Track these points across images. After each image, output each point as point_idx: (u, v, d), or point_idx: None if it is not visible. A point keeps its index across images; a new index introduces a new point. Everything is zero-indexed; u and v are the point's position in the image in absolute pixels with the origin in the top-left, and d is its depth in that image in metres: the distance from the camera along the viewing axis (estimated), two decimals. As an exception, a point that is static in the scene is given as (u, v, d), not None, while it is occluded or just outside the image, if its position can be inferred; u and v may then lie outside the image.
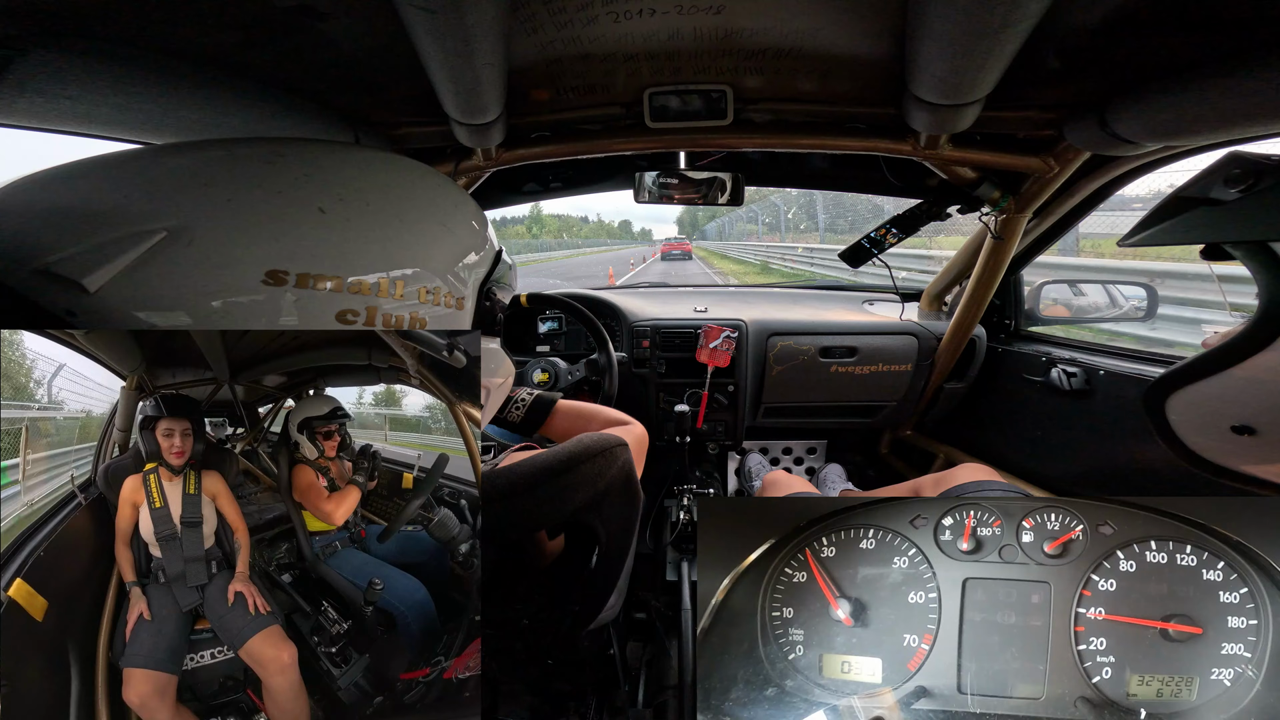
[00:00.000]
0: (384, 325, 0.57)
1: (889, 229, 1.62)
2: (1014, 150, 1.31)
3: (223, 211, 0.51)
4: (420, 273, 0.60)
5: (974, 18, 0.72)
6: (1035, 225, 1.66)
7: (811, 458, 2.51)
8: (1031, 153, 1.31)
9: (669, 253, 33.05)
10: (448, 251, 0.65)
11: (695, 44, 1.02)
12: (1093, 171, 1.39)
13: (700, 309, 2.09)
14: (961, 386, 2.06)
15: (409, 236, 0.60)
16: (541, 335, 2.13)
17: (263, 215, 0.52)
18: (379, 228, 0.58)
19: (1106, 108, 1.04)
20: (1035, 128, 1.22)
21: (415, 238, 0.61)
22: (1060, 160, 1.30)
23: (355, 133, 1.21)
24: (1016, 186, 1.45)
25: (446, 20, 0.72)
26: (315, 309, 0.53)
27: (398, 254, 0.58)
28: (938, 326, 1.99)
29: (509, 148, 1.38)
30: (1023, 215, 1.52)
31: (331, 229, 0.55)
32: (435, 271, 0.62)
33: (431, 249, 0.63)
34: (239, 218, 0.51)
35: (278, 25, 0.84)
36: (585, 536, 0.85)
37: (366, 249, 0.56)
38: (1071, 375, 1.63)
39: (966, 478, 1.30)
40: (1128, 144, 1.08)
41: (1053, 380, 1.68)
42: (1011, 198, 1.47)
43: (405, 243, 0.60)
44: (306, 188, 0.56)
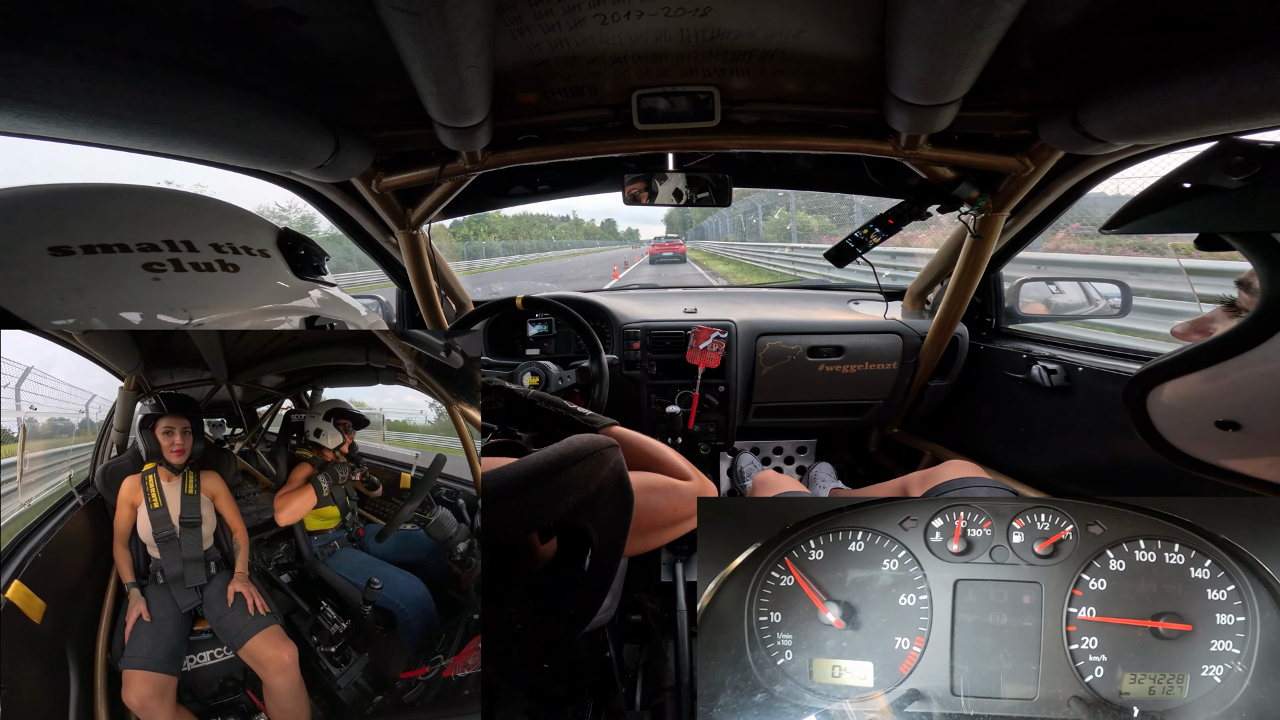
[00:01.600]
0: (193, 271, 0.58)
1: (872, 228, 1.65)
2: (991, 150, 1.35)
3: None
4: (203, 237, 0.61)
5: (950, 19, 0.73)
6: (1013, 224, 1.70)
7: (802, 457, 2.54)
8: (1008, 152, 1.34)
9: (659, 254, 29.27)
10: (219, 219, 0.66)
11: (682, 45, 1.03)
12: (1066, 170, 1.42)
13: (690, 310, 2.11)
14: (945, 384, 2.09)
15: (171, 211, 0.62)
16: (532, 338, 2.13)
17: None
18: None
19: (1079, 108, 1.08)
20: (1011, 127, 1.26)
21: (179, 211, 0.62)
22: (1035, 159, 1.34)
23: (336, 137, 1.19)
24: (994, 185, 1.49)
25: (429, 23, 0.71)
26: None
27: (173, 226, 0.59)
28: (921, 325, 2.01)
29: (495, 151, 1.38)
30: (1000, 214, 1.55)
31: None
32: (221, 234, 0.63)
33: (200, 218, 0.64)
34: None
35: (255, 28, 0.83)
36: (578, 539, 0.84)
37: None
38: (1052, 372, 1.66)
39: (953, 474, 1.33)
40: (1099, 143, 1.12)
41: (1034, 377, 1.71)
42: (989, 196, 1.50)
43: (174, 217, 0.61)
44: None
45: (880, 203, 1.76)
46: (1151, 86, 0.93)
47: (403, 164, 1.43)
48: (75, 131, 0.81)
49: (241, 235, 0.63)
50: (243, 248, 0.62)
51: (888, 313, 2.11)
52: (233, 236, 0.62)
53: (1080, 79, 1.05)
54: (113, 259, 0.54)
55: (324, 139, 1.16)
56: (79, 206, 0.56)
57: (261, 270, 0.63)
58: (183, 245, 0.58)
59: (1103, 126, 1.06)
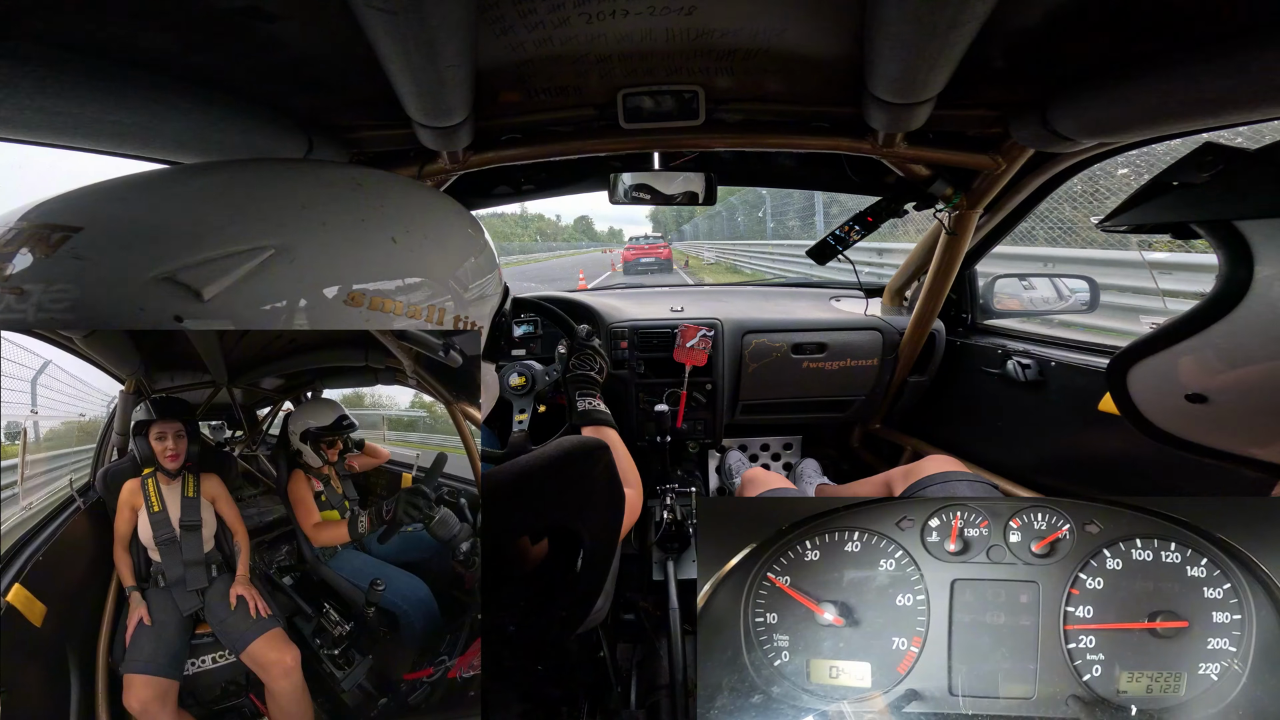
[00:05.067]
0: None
1: (852, 226, 1.69)
2: (965, 148, 1.39)
3: (319, 234, 0.57)
4: (455, 303, 0.67)
5: (924, 18, 0.76)
6: (986, 221, 1.75)
7: (788, 453, 2.57)
8: (980, 150, 1.39)
9: (635, 260, 20.72)
10: (474, 286, 0.72)
11: (668, 44, 1.03)
12: (1036, 168, 1.48)
13: (676, 309, 2.12)
14: (924, 380, 2.13)
15: (447, 268, 0.67)
16: (517, 339, 2.13)
17: (350, 240, 0.58)
18: (429, 261, 0.65)
19: (1047, 107, 1.12)
20: (984, 126, 1.30)
21: (452, 270, 0.68)
22: (1007, 157, 1.38)
23: (309, 137, 1.16)
24: (968, 183, 1.53)
25: (408, 21, 0.70)
26: (377, 328, 0.60)
27: (440, 283, 0.65)
28: (900, 321, 2.06)
29: (477, 150, 1.37)
30: (974, 211, 1.61)
31: (396, 258, 0.61)
32: (464, 303, 0.69)
33: (465, 283, 0.70)
34: (331, 241, 0.57)
35: (222, 27, 0.81)
36: (569, 540, 0.84)
37: (420, 279, 0.63)
38: (1026, 366, 1.71)
39: (933, 469, 1.37)
40: (1067, 141, 1.16)
41: (1009, 372, 1.76)
42: (963, 194, 1.55)
43: (445, 273, 0.67)
44: (380, 217, 0.62)
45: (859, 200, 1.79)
46: (1114, 86, 0.97)
47: (379, 164, 1.41)
48: (30, 132, 0.79)
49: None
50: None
51: (868, 309, 2.15)
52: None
53: (1048, 79, 1.09)
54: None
55: (295, 139, 1.13)
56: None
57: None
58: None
59: (1070, 125, 1.10)
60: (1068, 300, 1.97)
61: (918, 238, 2.02)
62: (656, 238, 25.51)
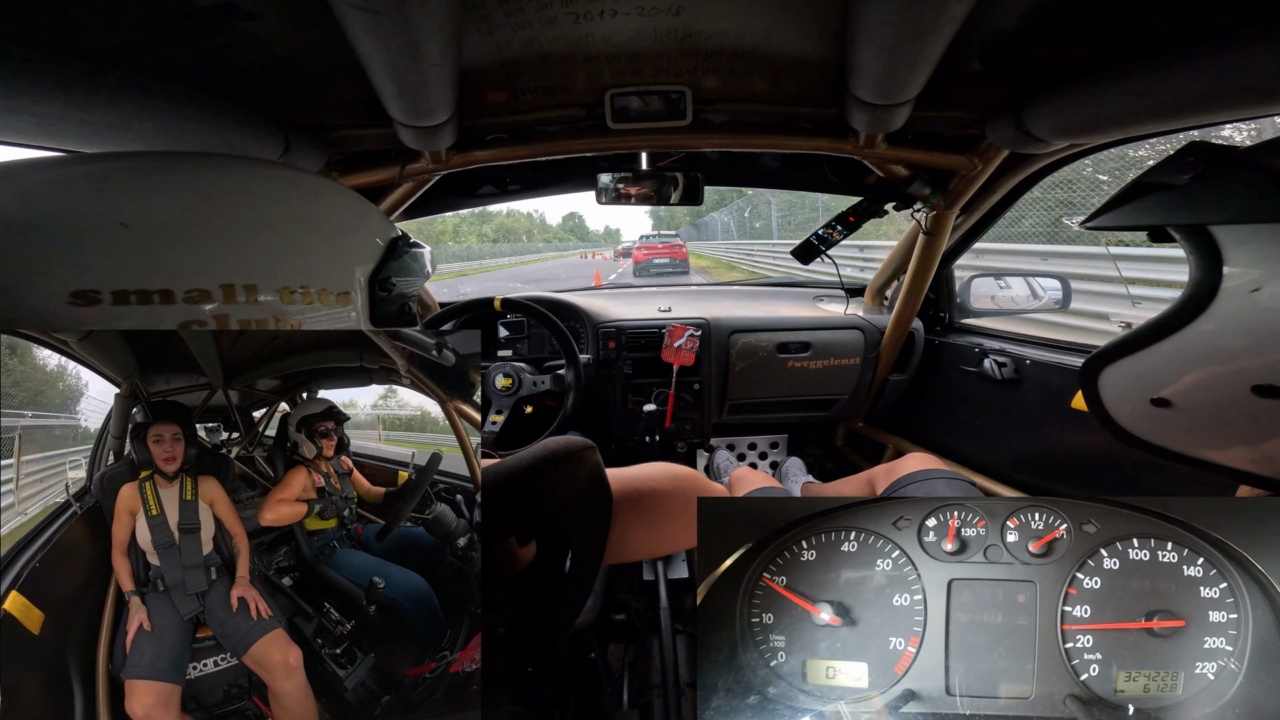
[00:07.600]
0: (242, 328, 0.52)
1: (835, 226, 1.72)
2: (942, 149, 1.43)
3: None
4: (277, 274, 0.53)
5: (904, 21, 0.78)
6: (963, 221, 1.80)
7: (775, 452, 2.60)
8: (957, 151, 1.44)
9: (647, 261, 18.41)
10: (310, 247, 0.58)
11: (655, 45, 1.04)
12: (1011, 169, 1.53)
13: (664, 309, 2.14)
14: (904, 378, 2.16)
15: (252, 238, 0.54)
16: (504, 339, 2.12)
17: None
18: (209, 235, 0.51)
19: (1021, 109, 1.16)
20: (960, 127, 1.35)
21: (260, 239, 0.54)
22: (983, 158, 1.43)
23: (286, 137, 1.13)
24: (945, 184, 1.58)
25: (390, 20, 0.68)
26: (145, 325, 0.47)
27: (242, 258, 0.52)
28: (881, 320, 2.09)
29: (461, 150, 1.36)
30: (951, 211, 1.65)
31: (144, 242, 0.48)
32: (298, 270, 0.55)
33: (285, 247, 0.56)
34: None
35: (196, 25, 0.78)
36: (557, 541, 0.83)
37: (199, 257, 0.50)
38: (1002, 365, 1.75)
39: (913, 467, 1.41)
40: (1040, 142, 1.21)
41: (986, 370, 1.80)
42: (940, 195, 1.60)
43: (249, 245, 0.53)
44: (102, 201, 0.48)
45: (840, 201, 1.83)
46: (1086, 89, 1.01)
47: (360, 164, 1.39)
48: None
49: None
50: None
51: (849, 309, 2.19)
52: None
53: (1023, 82, 1.13)
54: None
55: (272, 138, 1.11)
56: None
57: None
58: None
59: (1043, 126, 1.14)
60: (1041, 299, 2.02)
61: (897, 237, 2.06)
62: (670, 235, 21.89)
